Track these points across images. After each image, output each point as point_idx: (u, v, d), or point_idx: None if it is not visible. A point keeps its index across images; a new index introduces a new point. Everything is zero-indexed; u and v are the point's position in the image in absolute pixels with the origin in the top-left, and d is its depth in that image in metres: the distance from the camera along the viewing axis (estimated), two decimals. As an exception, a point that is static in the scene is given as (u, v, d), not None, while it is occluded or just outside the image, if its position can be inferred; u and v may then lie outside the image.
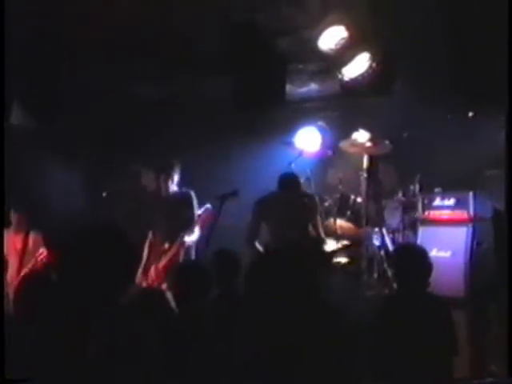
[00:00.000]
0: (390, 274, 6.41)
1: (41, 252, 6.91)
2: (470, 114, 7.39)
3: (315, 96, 8.37)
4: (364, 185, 7.28)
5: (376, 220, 7.41)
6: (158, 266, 6.85)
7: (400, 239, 7.33)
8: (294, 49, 7.62)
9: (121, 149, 8.60)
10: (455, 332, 4.55)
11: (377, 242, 7.26)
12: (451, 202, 6.94)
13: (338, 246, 7.16)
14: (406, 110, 7.50)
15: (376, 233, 7.30)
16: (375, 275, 7.00)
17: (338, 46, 7.12)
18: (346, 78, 7.30)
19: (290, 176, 6.87)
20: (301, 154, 7.77)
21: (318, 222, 6.84)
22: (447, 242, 6.75)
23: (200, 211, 6.91)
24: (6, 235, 7.10)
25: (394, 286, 5.34)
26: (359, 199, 7.41)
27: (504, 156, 5.61)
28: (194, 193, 7.05)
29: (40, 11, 6.71)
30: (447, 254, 6.71)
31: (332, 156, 7.95)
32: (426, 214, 7.07)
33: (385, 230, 7.31)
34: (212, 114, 8.39)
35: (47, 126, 7.90)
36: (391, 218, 7.46)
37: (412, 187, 7.37)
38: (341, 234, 7.30)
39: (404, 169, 7.69)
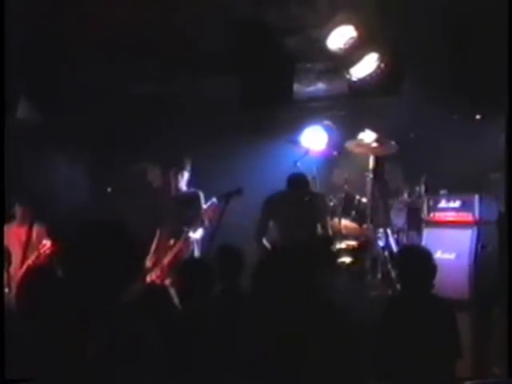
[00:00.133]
0: (393, 274, 6.39)
1: (44, 244, 6.92)
2: (477, 117, 7.37)
3: (322, 95, 8.35)
4: (369, 185, 7.27)
5: (381, 221, 7.39)
6: (162, 262, 6.86)
7: (404, 240, 7.31)
8: (302, 48, 7.63)
9: (121, 148, 8.60)
10: (459, 334, 4.54)
11: (381, 242, 7.24)
12: (456, 204, 6.91)
13: (343, 246, 7.16)
14: (413, 111, 7.47)
15: (381, 233, 7.28)
16: (379, 276, 6.99)
17: (347, 46, 7.12)
18: (354, 78, 7.30)
19: (298, 175, 6.89)
20: (307, 153, 7.75)
21: (328, 222, 6.87)
22: (452, 244, 6.71)
23: (206, 206, 6.92)
24: (9, 227, 7.14)
25: (398, 286, 5.34)
26: (364, 199, 7.40)
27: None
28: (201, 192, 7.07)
29: (40, 11, 6.72)
30: (452, 256, 6.68)
31: (338, 156, 7.93)
32: (431, 215, 7.03)
33: (389, 231, 7.30)
34: (219, 113, 8.38)
35: (50, 121, 7.92)
36: (396, 218, 7.44)
37: (417, 188, 7.34)
38: (345, 234, 7.29)
39: (410, 170, 7.67)
